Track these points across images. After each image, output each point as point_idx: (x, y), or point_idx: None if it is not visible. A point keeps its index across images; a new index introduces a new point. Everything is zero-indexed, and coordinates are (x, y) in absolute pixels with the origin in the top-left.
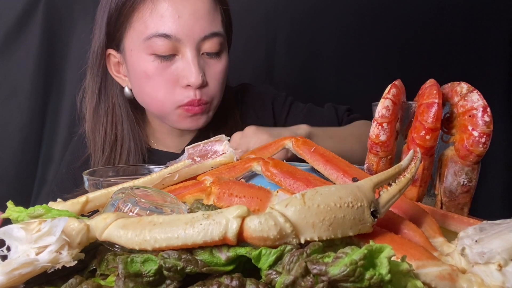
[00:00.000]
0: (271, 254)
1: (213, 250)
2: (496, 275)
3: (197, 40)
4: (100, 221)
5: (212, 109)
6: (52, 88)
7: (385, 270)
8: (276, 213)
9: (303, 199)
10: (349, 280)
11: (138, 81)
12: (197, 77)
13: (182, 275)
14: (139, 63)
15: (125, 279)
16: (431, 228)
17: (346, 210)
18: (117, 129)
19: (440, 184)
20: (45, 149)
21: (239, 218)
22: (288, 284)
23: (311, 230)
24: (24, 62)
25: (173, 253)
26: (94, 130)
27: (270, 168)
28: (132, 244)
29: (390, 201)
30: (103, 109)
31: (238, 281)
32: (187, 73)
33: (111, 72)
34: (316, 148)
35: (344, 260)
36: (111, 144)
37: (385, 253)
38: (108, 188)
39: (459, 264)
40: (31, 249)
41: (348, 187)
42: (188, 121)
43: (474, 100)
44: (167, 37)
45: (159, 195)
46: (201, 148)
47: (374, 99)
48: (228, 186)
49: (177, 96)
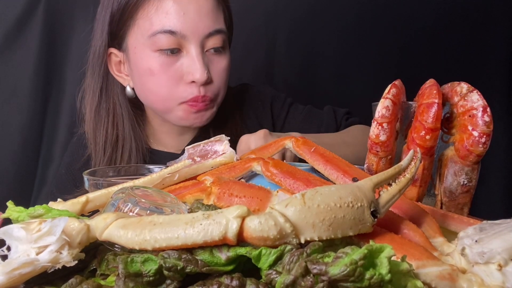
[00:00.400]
0: (271, 254)
1: (213, 250)
2: (496, 275)
3: (201, 36)
4: (100, 221)
5: (216, 105)
6: (52, 88)
7: (385, 270)
8: (276, 213)
9: (303, 199)
10: (349, 280)
11: (141, 78)
12: (202, 74)
13: (182, 275)
14: (143, 60)
15: (125, 279)
16: (431, 228)
17: (346, 210)
18: (118, 129)
19: (440, 184)
20: (45, 149)
21: (239, 218)
22: (288, 284)
23: (311, 230)
24: (24, 62)
25: (173, 253)
26: (95, 130)
27: (270, 168)
28: (132, 244)
29: (390, 201)
30: (104, 109)
31: (238, 281)
32: (192, 70)
33: (112, 72)
34: (316, 148)
35: (344, 260)
36: (112, 144)
37: (385, 253)
38: (108, 188)
39: (459, 264)
40: (31, 249)
41: (348, 187)
42: (193, 117)
43: (474, 100)
44: (173, 33)
45: (159, 195)
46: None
47: (374, 99)
48: (228, 186)
49: (181, 92)
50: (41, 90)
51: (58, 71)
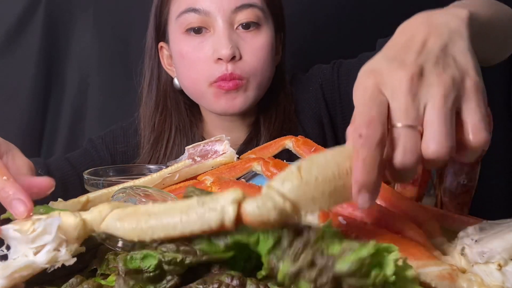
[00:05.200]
0: (269, 238)
1: (211, 238)
2: (496, 275)
3: (227, 12)
4: (96, 214)
5: (251, 88)
6: (53, 88)
7: (390, 271)
8: (274, 193)
9: (299, 173)
10: (354, 276)
11: (176, 64)
12: (226, 48)
13: (183, 267)
14: (175, 44)
15: (125, 276)
16: (431, 228)
17: (346, 178)
18: (165, 124)
19: (439, 184)
20: (45, 149)
21: (235, 203)
22: (292, 274)
23: (312, 204)
24: (25, 62)
25: (171, 246)
26: (145, 120)
27: (271, 168)
28: (130, 235)
29: None
30: (154, 101)
31: (239, 280)
32: (217, 46)
33: (164, 66)
34: (316, 148)
35: (351, 256)
36: (156, 136)
37: (392, 255)
38: (109, 188)
39: (459, 264)
40: (29, 249)
41: (344, 152)
42: (223, 101)
43: None
44: (196, 11)
45: (159, 194)
46: (201, 148)
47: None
48: (229, 186)
49: (209, 71)
50: (42, 90)
51: (58, 72)
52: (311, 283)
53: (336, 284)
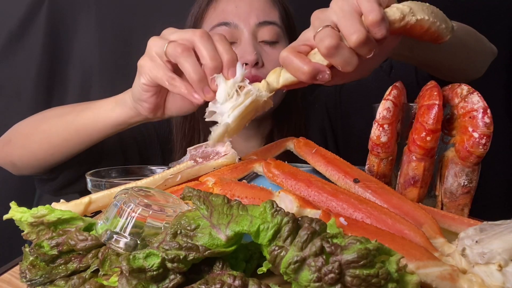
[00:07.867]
0: (269, 228)
1: (211, 232)
2: (497, 275)
3: (252, 25)
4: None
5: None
6: (55, 89)
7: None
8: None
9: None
10: (360, 263)
11: None
12: (251, 54)
13: (186, 264)
14: None
15: (128, 276)
16: (432, 229)
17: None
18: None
19: (440, 185)
20: None
21: None
22: (297, 261)
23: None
24: (27, 63)
25: (173, 244)
26: (177, 129)
27: (272, 169)
28: None
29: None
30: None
31: (241, 281)
32: (243, 53)
33: None
34: (317, 149)
35: (359, 245)
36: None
37: (395, 257)
38: (111, 189)
39: (460, 265)
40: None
41: None
42: None
43: (474, 101)
44: (227, 24)
45: (161, 195)
46: (203, 150)
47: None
48: (230, 187)
49: None
50: (44, 91)
51: (61, 73)
52: (315, 272)
53: (340, 276)
